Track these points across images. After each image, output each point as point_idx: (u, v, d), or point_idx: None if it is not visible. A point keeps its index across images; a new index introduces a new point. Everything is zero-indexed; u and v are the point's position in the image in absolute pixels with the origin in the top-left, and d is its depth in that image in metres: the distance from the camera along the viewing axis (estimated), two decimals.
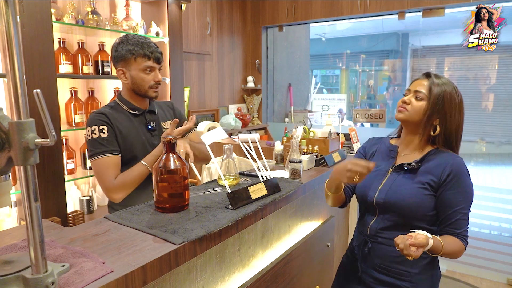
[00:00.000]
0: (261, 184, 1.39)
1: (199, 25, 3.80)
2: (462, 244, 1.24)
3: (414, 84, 1.35)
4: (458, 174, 1.24)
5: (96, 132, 1.49)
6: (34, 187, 0.70)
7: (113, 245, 0.98)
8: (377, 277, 1.34)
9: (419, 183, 1.26)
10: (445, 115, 1.28)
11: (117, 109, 1.58)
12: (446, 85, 1.30)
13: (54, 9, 2.19)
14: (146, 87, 1.56)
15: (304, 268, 1.73)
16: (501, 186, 3.40)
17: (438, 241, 1.16)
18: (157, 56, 1.56)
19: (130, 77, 1.55)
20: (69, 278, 0.79)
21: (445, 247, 1.17)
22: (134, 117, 1.61)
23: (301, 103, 5.86)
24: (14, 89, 0.67)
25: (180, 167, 1.20)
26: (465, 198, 1.25)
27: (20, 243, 0.96)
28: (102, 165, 1.48)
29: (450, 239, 1.23)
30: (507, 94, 4.24)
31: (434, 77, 1.31)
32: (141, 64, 1.53)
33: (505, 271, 3.05)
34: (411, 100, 1.31)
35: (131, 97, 1.61)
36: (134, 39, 1.54)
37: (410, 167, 1.29)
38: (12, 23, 0.67)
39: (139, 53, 1.52)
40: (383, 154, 1.43)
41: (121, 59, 1.54)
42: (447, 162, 1.25)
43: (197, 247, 1.04)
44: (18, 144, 0.67)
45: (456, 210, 1.24)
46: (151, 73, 1.56)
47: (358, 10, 3.63)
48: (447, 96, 1.28)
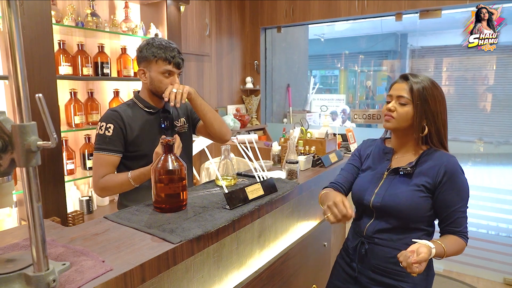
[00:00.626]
0: (258, 185, 1.42)
1: (198, 26, 3.83)
2: (463, 241, 1.28)
3: (394, 89, 1.34)
4: (452, 174, 1.26)
5: (103, 129, 1.56)
6: (36, 188, 0.72)
7: (113, 244, 1.00)
8: (374, 277, 1.36)
9: (415, 186, 1.28)
10: (432, 114, 1.29)
11: (133, 108, 1.66)
12: (425, 81, 1.30)
13: (54, 11, 2.21)
14: (163, 89, 1.60)
15: (301, 267, 1.75)
16: (499, 186, 3.42)
17: (439, 246, 1.19)
18: (177, 62, 1.61)
19: (149, 77, 1.61)
20: (69, 276, 0.82)
21: (447, 250, 1.20)
22: (149, 115, 1.67)
23: (300, 104, 5.89)
24: (16, 92, 0.69)
25: (178, 168, 1.22)
26: (461, 197, 1.27)
27: (21, 242, 0.98)
28: (97, 160, 1.57)
29: (452, 239, 1.26)
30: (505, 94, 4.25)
31: (412, 78, 1.31)
32: (161, 67, 1.58)
33: (502, 271, 3.07)
34: (395, 107, 1.32)
35: (149, 96, 1.68)
36: (159, 42, 1.60)
37: (405, 171, 1.31)
38: (14, 26, 0.69)
39: (160, 56, 1.57)
40: (378, 156, 1.44)
41: (144, 60, 1.60)
42: (441, 163, 1.27)
43: (194, 246, 1.06)
44: (21, 147, 0.69)
45: (454, 210, 1.27)
46: (170, 77, 1.61)
47: (356, 11, 3.66)
48: (430, 94, 1.29)
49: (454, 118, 4.36)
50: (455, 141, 4.17)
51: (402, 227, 1.31)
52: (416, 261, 1.09)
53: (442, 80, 4.59)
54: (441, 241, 1.22)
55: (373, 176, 1.39)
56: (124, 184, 1.54)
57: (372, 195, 1.35)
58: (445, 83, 4.57)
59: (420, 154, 1.33)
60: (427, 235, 1.33)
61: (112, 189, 1.57)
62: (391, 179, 1.35)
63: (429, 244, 1.16)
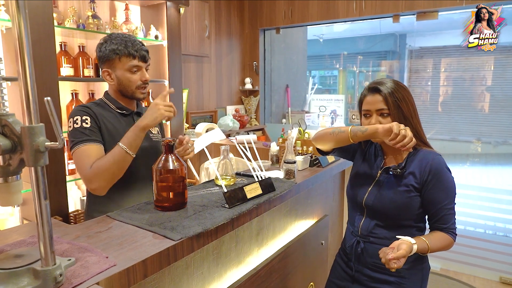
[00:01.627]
0: (256, 184, 1.46)
1: (198, 28, 3.86)
2: (450, 237, 1.30)
3: (369, 103, 1.35)
4: (438, 172, 1.29)
5: (78, 122, 1.39)
6: (44, 186, 0.76)
7: (115, 241, 1.04)
8: (371, 275, 1.40)
9: (404, 186, 1.32)
10: (408, 117, 1.31)
11: (104, 107, 1.52)
12: (392, 87, 1.31)
13: (55, 13, 2.25)
14: (133, 87, 1.50)
15: (298, 265, 1.79)
16: (497, 186, 3.46)
17: (423, 243, 1.23)
18: (142, 55, 1.49)
19: (116, 78, 1.49)
20: (75, 271, 0.85)
21: (431, 245, 1.25)
22: (122, 117, 1.55)
23: (299, 104, 5.93)
24: (26, 96, 0.73)
25: (178, 168, 1.26)
26: (447, 194, 1.30)
27: (28, 239, 1.02)
28: (80, 154, 1.36)
29: (438, 235, 1.30)
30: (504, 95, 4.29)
31: (381, 87, 1.32)
32: (126, 64, 1.47)
33: (498, 269, 3.11)
34: (380, 120, 1.32)
35: (118, 98, 1.55)
36: (118, 37, 1.47)
37: (395, 172, 1.35)
38: (23, 31, 0.72)
39: (123, 52, 1.45)
40: (373, 155, 1.49)
41: (106, 59, 1.48)
42: (426, 162, 1.31)
43: (194, 243, 1.10)
44: (30, 147, 0.73)
45: (441, 207, 1.30)
46: (138, 72, 1.50)
47: (354, 12, 3.70)
48: (400, 99, 1.30)
49: (452, 119, 4.40)
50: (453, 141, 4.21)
51: (394, 225, 1.35)
52: (394, 258, 1.13)
53: (441, 81, 4.62)
54: (426, 238, 1.26)
55: (367, 176, 1.43)
56: (119, 158, 1.34)
57: (366, 194, 1.40)
58: (443, 83, 4.61)
59: (407, 155, 1.37)
60: (419, 231, 1.37)
61: (107, 171, 1.33)
62: (384, 179, 1.39)
63: (411, 240, 1.20)
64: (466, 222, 3.36)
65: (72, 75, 2.42)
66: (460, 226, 3.37)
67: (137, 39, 1.52)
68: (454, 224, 1.32)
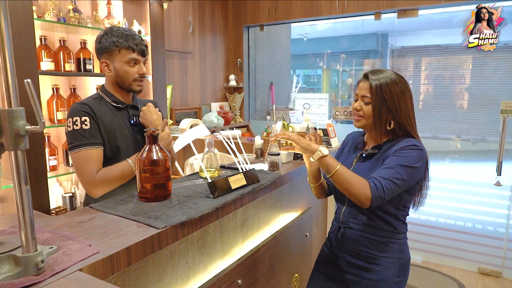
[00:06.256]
0: (241, 175, 1.46)
1: (181, 24, 3.84)
2: (368, 184, 1.22)
3: (359, 88, 1.39)
4: (403, 147, 1.29)
5: (78, 124, 1.43)
6: (24, 171, 0.75)
7: (98, 230, 1.03)
8: (350, 260, 1.43)
9: (378, 167, 1.33)
10: (392, 110, 1.33)
11: (100, 101, 1.55)
12: (385, 78, 1.33)
13: (35, 6, 2.20)
14: (130, 80, 1.54)
15: (283, 257, 1.80)
16: (476, 181, 3.56)
17: (335, 160, 1.26)
18: (141, 49, 1.54)
19: (114, 69, 1.53)
20: (57, 258, 0.84)
21: (341, 169, 1.23)
22: (117, 110, 1.58)
23: (283, 102, 5.96)
24: (5, 79, 0.72)
25: (162, 158, 1.26)
26: (399, 160, 1.26)
27: (8, 229, 1.00)
28: (83, 158, 1.42)
29: (357, 176, 1.25)
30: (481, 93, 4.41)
31: (371, 76, 1.35)
32: (125, 56, 1.51)
33: (477, 260, 3.20)
34: (362, 106, 1.37)
35: (115, 90, 1.59)
36: (119, 31, 1.51)
37: (366, 153, 1.39)
38: (3, 17, 0.72)
39: (123, 45, 1.50)
40: (353, 147, 1.53)
41: (105, 51, 1.51)
42: (405, 142, 1.32)
43: (179, 232, 1.10)
44: (9, 131, 0.72)
45: (383, 167, 1.28)
46: (136, 65, 1.54)
47: (337, 10, 3.74)
48: (387, 91, 1.31)
49: (433, 117, 4.50)
50: (434, 138, 4.30)
51: (371, 211, 1.35)
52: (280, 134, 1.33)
53: (421, 79, 4.72)
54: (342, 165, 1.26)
55: (345, 164, 1.46)
56: (125, 172, 1.45)
57: None
58: (424, 82, 4.71)
59: (386, 140, 1.39)
60: (396, 219, 1.38)
61: (112, 181, 1.45)
62: (359, 165, 1.42)
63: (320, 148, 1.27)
64: (446, 216, 3.44)
65: (53, 69, 2.38)
66: (441, 219, 3.45)
67: (137, 34, 1.56)
68: (382, 182, 1.22)
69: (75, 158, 1.44)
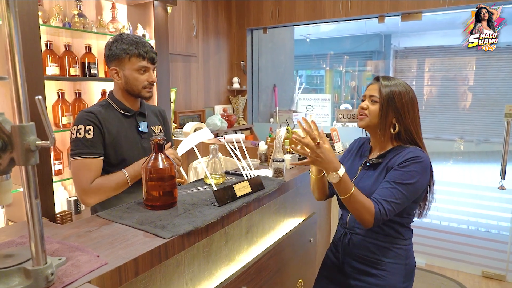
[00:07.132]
0: (246, 182, 1.47)
1: (185, 27, 3.85)
2: (373, 206, 1.24)
3: (368, 89, 1.42)
4: (407, 160, 1.30)
5: (82, 132, 1.45)
6: (35, 186, 0.76)
7: (106, 240, 1.04)
8: (356, 266, 1.44)
9: (382, 177, 1.35)
10: (399, 112, 1.35)
11: (108, 109, 1.55)
12: (395, 85, 1.36)
13: (41, 11, 2.22)
14: (140, 87, 1.55)
15: (287, 263, 1.81)
16: (479, 183, 3.55)
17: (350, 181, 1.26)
18: (151, 56, 1.54)
19: (123, 76, 1.53)
20: (66, 270, 0.85)
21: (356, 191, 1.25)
22: (125, 118, 1.58)
23: (286, 104, 5.96)
24: (16, 95, 0.73)
25: (168, 167, 1.26)
26: (401, 177, 1.28)
27: (17, 240, 1.01)
28: (81, 166, 1.44)
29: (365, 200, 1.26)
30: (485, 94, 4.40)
31: (382, 80, 1.38)
32: (135, 64, 1.51)
33: (480, 264, 3.20)
34: (368, 105, 1.39)
35: (123, 97, 1.59)
36: (129, 38, 1.51)
37: (371, 162, 1.40)
38: (14, 29, 0.72)
39: (133, 52, 1.50)
40: (358, 153, 1.54)
41: (115, 58, 1.51)
42: (407, 153, 1.32)
43: (185, 241, 1.11)
44: (20, 146, 0.73)
45: (386, 181, 1.29)
46: (145, 73, 1.55)
47: (340, 13, 3.74)
48: (397, 94, 1.34)
49: (436, 118, 4.49)
50: (437, 139, 4.30)
51: None
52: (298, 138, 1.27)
53: (424, 80, 4.71)
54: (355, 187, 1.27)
55: (350, 171, 1.47)
56: (120, 183, 1.47)
57: None
58: (427, 83, 4.70)
59: (389, 149, 1.40)
60: (401, 225, 1.39)
61: (106, 192, 1.47)
62: (364, 173, 1.43)
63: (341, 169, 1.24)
64: (450, 219, 3.44)
65: (58, 74, 2.39)
66: (444, 222, 3.45)
67: (147, 41, 1.56)
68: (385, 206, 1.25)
69: (74, 165, 1.46)
